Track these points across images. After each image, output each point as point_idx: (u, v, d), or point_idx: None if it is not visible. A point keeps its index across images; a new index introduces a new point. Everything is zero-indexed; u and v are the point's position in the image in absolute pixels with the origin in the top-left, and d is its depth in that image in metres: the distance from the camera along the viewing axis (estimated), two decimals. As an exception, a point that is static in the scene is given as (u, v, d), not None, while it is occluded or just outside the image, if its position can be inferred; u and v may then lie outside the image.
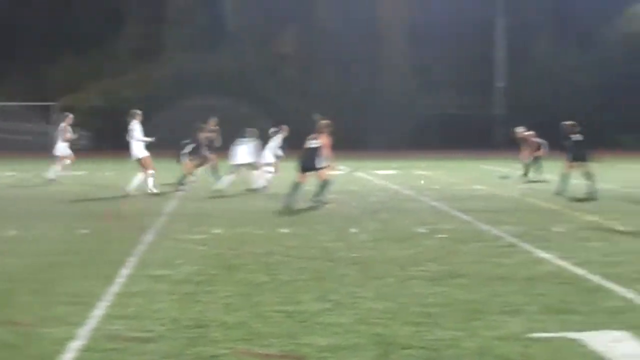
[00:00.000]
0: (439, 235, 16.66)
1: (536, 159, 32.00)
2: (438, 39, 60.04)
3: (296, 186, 22.64)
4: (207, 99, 48.67)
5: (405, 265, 13.13)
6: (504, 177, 32.59)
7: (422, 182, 30.69)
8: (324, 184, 22.95)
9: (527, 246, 15.16)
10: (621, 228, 17.68)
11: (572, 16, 61.16)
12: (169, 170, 28.96)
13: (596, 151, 26.31)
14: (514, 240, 15.95)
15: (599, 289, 11.34)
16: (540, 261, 13.62)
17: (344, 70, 61.80)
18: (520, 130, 33.06)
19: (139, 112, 26.28)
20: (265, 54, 62.59)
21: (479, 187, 28.48)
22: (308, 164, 22.84)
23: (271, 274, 12.42)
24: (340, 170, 33.39)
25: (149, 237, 16.41)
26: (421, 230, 17.44)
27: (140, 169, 25.99)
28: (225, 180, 26.21)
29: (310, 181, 23.10)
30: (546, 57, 62.50)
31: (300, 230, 17.47)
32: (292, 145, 27.38)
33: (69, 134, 31.13)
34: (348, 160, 40.27)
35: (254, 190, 26.31)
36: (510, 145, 51.93)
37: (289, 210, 21.22)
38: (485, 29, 61.76)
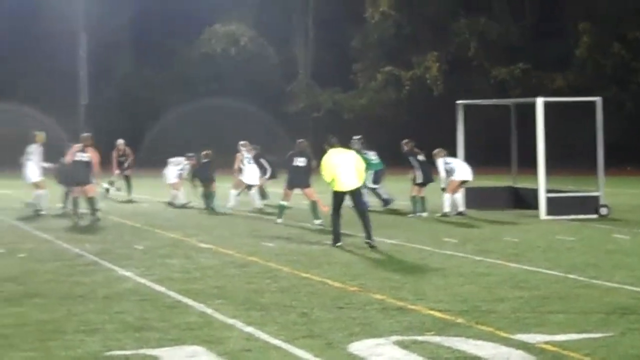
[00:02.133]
0: (19, 255, 16.28)
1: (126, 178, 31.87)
2: (22, 52, 58.75)
3: None
4: None
5: (-18, 286, 12.68)
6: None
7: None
8: None
9: (107, 264, 15.13)
10: (200, 244, 18.07)
11: (153, 36, 61.92)
12: None
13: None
14: (95, 258, 15.86)
15: (176, 305, 11.50)
16: (121, 279, 13.64)
17: None
18: None
19: None
20: None
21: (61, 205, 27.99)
22: None
23: None
24: None
25: None
26: (0, 250, 16.95)
27: None
28: None
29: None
30: (128, 75, 62.74)
31: None
32: None
33: None
34: None
35: None
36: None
37: None
38: (70, 45, 60.86)
